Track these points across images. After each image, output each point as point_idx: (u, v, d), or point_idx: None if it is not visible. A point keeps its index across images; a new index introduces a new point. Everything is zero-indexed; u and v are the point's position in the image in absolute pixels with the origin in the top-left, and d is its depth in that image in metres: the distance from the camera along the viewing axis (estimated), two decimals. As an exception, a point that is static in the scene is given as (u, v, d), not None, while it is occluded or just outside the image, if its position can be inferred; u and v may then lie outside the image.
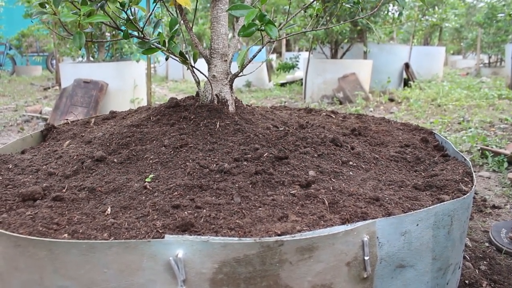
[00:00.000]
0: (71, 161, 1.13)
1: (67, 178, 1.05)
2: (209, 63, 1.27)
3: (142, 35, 1.12)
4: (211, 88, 1.26)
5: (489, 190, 2.22)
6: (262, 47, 1.30)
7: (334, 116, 1.70)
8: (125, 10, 1.02)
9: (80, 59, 4.75)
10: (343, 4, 1.28)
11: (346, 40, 5.76)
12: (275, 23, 1.06)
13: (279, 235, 0.73)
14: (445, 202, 0.86)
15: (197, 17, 9.36)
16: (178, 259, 0.68)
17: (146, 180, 0.98)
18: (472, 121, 3.98)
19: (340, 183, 0.98)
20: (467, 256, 1.45)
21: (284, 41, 9.77)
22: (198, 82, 1.29)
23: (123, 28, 1.11)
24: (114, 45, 4.37)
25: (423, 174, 1.13)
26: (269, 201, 0.89)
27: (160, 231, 0.78)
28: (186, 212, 0.84)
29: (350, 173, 1.06)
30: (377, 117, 1.73)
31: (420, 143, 1.38)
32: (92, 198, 0.94)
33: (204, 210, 0.85)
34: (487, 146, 2.91)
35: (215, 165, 1.02)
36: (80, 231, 0.78)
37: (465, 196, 0.91)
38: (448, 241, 0.89)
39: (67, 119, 1.67)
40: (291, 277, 0.71)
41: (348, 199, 0.90)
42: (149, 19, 1.18)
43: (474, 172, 2.45)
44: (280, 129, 1.25)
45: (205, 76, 1.27)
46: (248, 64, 1.27)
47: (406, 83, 7.12)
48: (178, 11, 1.27)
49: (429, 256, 0.85)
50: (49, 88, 7.59)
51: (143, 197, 0.92)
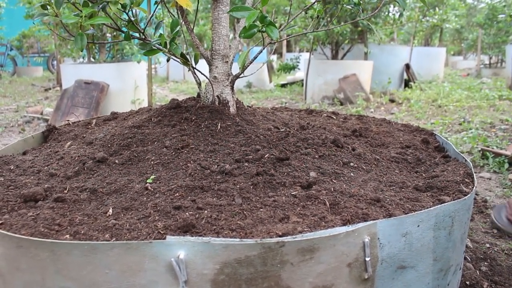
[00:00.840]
0: (73, 162, 1.13)
1: (69, 179, 1.05)
2: (210, 64, 1.27)
3: (144, 37, 1.13)
4: (212, 89, 1.26)
5: (490, 191, 2.23)
6: (263, 49, 1.30)
7: (335, 117, 1.70)
8: (127, 12, 1.03)
9: (81, 60, 4.76)
10: (344, 6, 1.28)
11: (347, 41, 5.76)
12: (276, 24, 1.06)
13: (280, 236, 0.73)
14: (446, 203, 0.86)
15: (198, 18, 9.36)
16: (180, 260, 0.68)
17: (148, 181, 0.99)
18: (473, 122, 3.98)
19: (341, 184, 0.99)
20: (468, 257, 1.45)
21: (285, 42, 9.77)
22: (199, 83, 1.29)
23: (125, 30, 1.11)
24: (115, 46, 4.37)
25: (424, 175, 1.13)
26: (270, 202, 0.89)
27: (162, 232, 0.79)
28: (188, 213, 0.84)
29: (351, 174, 1.06)
30: (378, 118, 1.73)
31: (421, 144, 1.38)
32: (94, 199, 0.94)
33: (206, 211, 0.85)
34: (488, 147, 2.91)
35: (216, 166, 1.02)
36: (82, 232, 0.79)
37: (466, 197, 0.91)
38: (449, 242, 0.89)
39: (68, 120, 1.68)
40: (292, 278, 0.71)
41: (349, 200, 0.90)
42: (150, 21, 1.18)
43: (475, 173, 2.45)
44: (281, 130, 1.25)
45: (206, 77, 1.27)
46: (249, 65, 1.27)
47: (407, 84, 7.12)
48: (179, 12, 1.27)
49: (430, 257, 0.86)
50: (50, 89, 7.60)
51: (145, 198, 0.92)
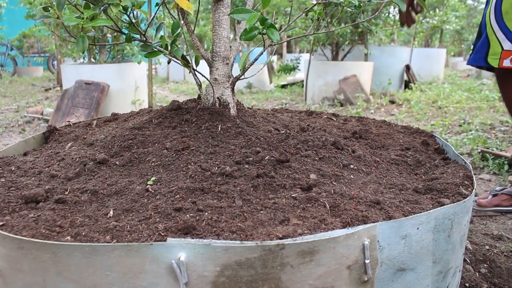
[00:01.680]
0: (73, 164, 1.14)
1: (70, 181, 1.05)
2: (211, 66, 1.28)
3: (145, 39, 1.13)
4: (213, 91, 1.26)
5: (490, 193, 2.23)
6: (263, 51, 1.31)
7: (335, 119, 1.71)
8: (128, 14, 1.03)
9: (82, 60, 4.76)
10: (344, 8, 1.29)
11: (347, 42, 5.76)
12: (276, 25, 1.06)
13: (281, 239, 0.73)
14: (445, 206, 0.86)
15: (198, 18, 9.37)
16: (181, 262, 0.69)
17: (148, 183, 0.99)
18: (473, 124, 3.99)
19: (341, 187, 0.99)
20: (468, 259, 1.46)
21: (285, 43, 9.78)
22: (200, 85, 1.30)
23: (125, 31, 1.12)
24: (116, 47, 4.38)
25: (424, 177, 1.13)
26: (271, 204, 0.89)
27: (162, 234, 0.79)
28: (188, 215, 0.84)
29: (351, 176, 1.06)
30: (378, 120, 1.73)
31: (421, 146, 1.39)
32: (95, 201, 0.94)
33: (206, 213, 0.85)
34: (488, 149, 2.92)
35: (217, 168, 1.02)
36: (83, 234, 0.79)
37: (465, 200, 0.91)
38: (448, 245, 0.89)
39: (69, 121, 1.68)
40: (292, 280, 0.72)
41: (349, 203, 0.90)
42: (151, 22, 1.18)
43: (475, 175, 2.45)
44: (281, 132, 1.25)
45: (207, 79, 1.28)
46: (250, 67, 1.28)
47: (407, 85, 7.12)
48: (180, 14, 1.28)
49: (430, 260, 0.86)
50: (50, 89, 7.61)
51: (145, 200, 0.92)
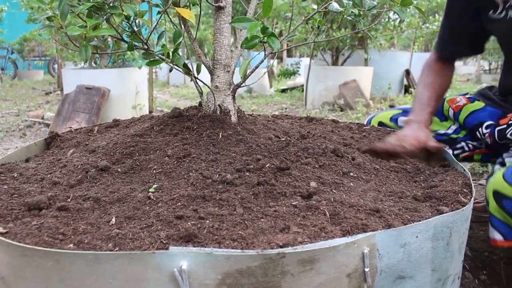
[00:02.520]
0: (76, 170, 1.15)
1: (72, 188, 1.06)
2: (212, 74, 1.29)
3: (147, 47, 1.14)
4: (214, 99, 1.27)
5: (489, 199, 2.23)
6: (264, 58, 1.32)
7: (335, 126, 1.72)
8: (130, 23, 1.04)
9: (82, 65, 4.78)
10: (344, 16, 1.30)
11: (347, 47, 5.78)
12: (276, 29, 1.07)
13: (281, 247, 0.74)
14: (444, 214, 0.87)
15: (199, 23, 9.39)
16: (182, 270, 0.70)
17: (150, 190, 1.00)
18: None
19: (341, 194, 1.00)
20: (467, 266, 1.47)
21: (285, 46, 9.81)
22: (201, 93, 1.31)
23: (126, 38, 1.13)
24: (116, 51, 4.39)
25: (423, 185, 1.14)
26: (271, 212, 0.90)
27: (164, 242, 0.80)
28: (190, 223, 0.85)
29: (351, 184, 1.07)
30: (378, 127, 1.74)
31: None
32: (97, 208, 0.95)
33: (207, 221, 0.86)
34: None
35: (218, 176, 1.03)
36: (86, 241, 0.80)
37: (464, 208, 0.92)
38: (447, 253, 0.90)
39: (71, 127, 1.69)
40: (293, 289, 0.72)
41: (349, 211, 0.91)
42: (153, 30, 1.19)
43: (474, 181, 2.46)
44: (282, 140, 1.26)
45: (208, 87, 1.29)
46: (251, 75, 1.29)
47: (407, 90, 7.14)
48: (181, 22, 1.29)
49: (429, 267, 0.87)
50: (51, 93, 7.62)
51: (147, 208, 0.93)
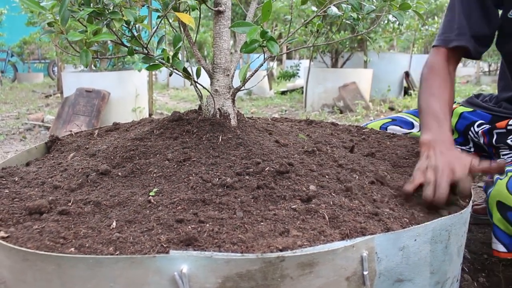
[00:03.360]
0: (76, 174, 1.15)
1: (73, 192, 1.07)
2: (212, 78, 1.30)
3: (147, 51, 1.15)
4: (214, 102, 1.28)
5: (488, 201, 2.24)
6: (264, 62, 1.32)
7: (335, 128, 1.72)
8: (130, 28, 1.05)
9: (82, 68, 4.79)
10: (344, 20, 1.31)
11: (347, 49, 5.80)
12: (275, 32, 1.08)
13: (281, 250, 0.75)
14: (443, 218, 0.88)
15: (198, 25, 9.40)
16: (183, 274, 0.70)
17: (150, 194, 1.00)
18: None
19: (340, 198, 1.00)
20: (466, 268, 1.47)
21: (285, 49, 9.83)
22: (201, 97, 1.32)
23: (127, 43, 1.14)
24: (116, 54, 4.40)
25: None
26: (271, 216, 0.91)
27: (165, 246, 0.80)
28: (190, 227, 0.86)
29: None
30: (376, 130, 1.75)
31: (419, 156, 1.40)
32: (98, 212, 0.96)
33: (207, 225, 0.87)
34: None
35: (218, 179, 1.04)
36: (87, 245, 0.80)
37: (462, 211, 0.93)
38: (446, 255, 0.91)
39: (71, 131, 1.70)
40: (292, 292, 0.73)
41: (348, 214, 0.92)
42: (153, 35, 1.20)
43: (473, 184, 2.47)
44: (282, 143, 1.27)
45: (208, 91, 1.29)
46: (250, 78, 1.30)
47: (406, 92, 7.15)
48: (181, 26, 1.30)
49: (427, 270, 0.87)
50: (51, 96, 7.63)
51: (148, 211, 0.94)
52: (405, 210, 0.99)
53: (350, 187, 1.03)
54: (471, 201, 1.02)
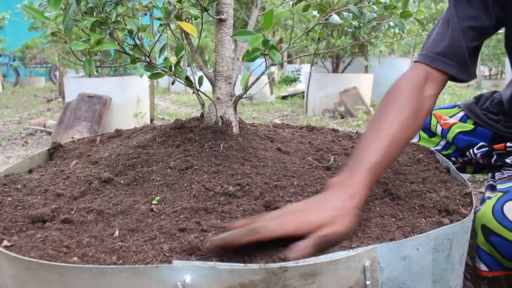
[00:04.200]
0: (79, 182, 1.16)
1: (75, 200, 1.07)
2: (214, 85, 1.30)
3: (149, 60, 1.16)
4: (216, 110, 1.29)
5: (490, 207, 2.24)
6: (266, 70, 1.33)
7: (336, 135, 1.73)
8: (133, 37, 1.06)
9: (83, 73, 4.81)
10: (345, 28, 1.32)
11: (348, 54, 5.81)
12: (276, 37, 1.09)
13: (283, 260, 0.75)
14: (445, 227, 0.88)
15: (198, 28, 9.42)
16: (186, 284, 0.70)
17: (153, 203, 1.01)
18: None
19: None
20: (468, 276, 1.47)
21: (286, 54, 9.85)
22: (203, 104, 1.32)
23: (129, 51, 1.14)
24: (118, 60, 4.42)
25: (423, 196, 1.15)
26: (273, 225, 0.91)
27: (167, 255, 0.81)
28: (192, 236, 0.86)
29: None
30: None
31: (420, 163, 1.40)
32: (100, 221, 0.96)
33: (210, 234, 0.87)
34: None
35: (220, 188, 1.04)
36: (90, 255, 0.81)
37: (464, 220, 0.93)
38: (448, 264, 0.91)
39: (73, 137, 1.70)
40: (295, 302, 0.73)
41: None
42: (155, 43, 1.21)
43: (475, 189, 2.47)
44: (283, 150, 1.27)
45: (210, 98, 1.30)
46: (252, 86, 1.30)
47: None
48: (183, 34, 1.30)
49: (429, 279, 0.88)
50: (52, 100, 7.64)
51: (150, 220, 0.94)
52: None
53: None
54: (473, 209, 1.02)
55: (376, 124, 1.06)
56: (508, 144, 1.38)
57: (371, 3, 1.33)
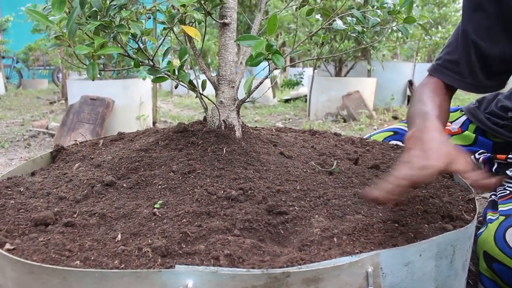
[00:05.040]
0: (81, 185, 1.16)
1: (78, 203, 1.07)
2: (217, 89, 1.30)
3: (153, 63, 1.16)
4: (219, 114, 1.29)
5: (493, 212, 2.23)
6: (269, 74, 1.33)
7: (338, 139, 1.72)
8: (137, 41, 1.06)
9: (86, 75, 4.82)
10: (348, 33, 1.32)
11: (350, 58, 5.81)
12: (279, 40, 1.09)
13: (286, 266, 0.75)
14: (448, 233, 0.88)
15: (201, 32, 9.44)
16: (188, 289, 0.70)
17: (155, 206, 1.01)
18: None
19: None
20: (471, 282, 1.47)
21: (289, 57, 9.85)
22: (206, 108, 1.32)
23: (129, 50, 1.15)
24: (121, 63, 4.43)
25: (426, 202, 1.15)
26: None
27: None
28: (195, 240, 0.86)
29: (356, 200, 1.08)
30: (380, 141, 1.75)
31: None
32: (103, 224, 0.96)
33: (212, 239, 0.87)
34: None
35: (223, 192, 1.04)
36: (92, 258, 0.81)
37: (467, 226, 0.93)
38: (451, 270, 0.91)
39: (76, 140, 1.71)
40: (297, 307, 0.73)
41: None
42: (159, 47, 1.21)
43: (478, 194, 2.46)
44: (286, 155, 1.27)
45: (213, 102, 1.30)
46: (255, 90, 1.30)
47: (410, 100, 7.14)
48: (187, 38, 1.30)
49: (432, 286, 0.87)
50: (55, 102, 7.66)
51: (153, 224, 0.94)
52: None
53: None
54: (476, 215, 1.02)
55: (422, 101, 1.20)
56: (510, 156, 1.37)
57: (375, 8, 1.33)
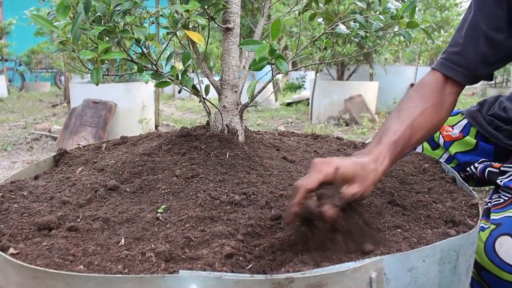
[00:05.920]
0: (85, 189, 1.16)
1: (81, 207, 1.07)
2: (220, 94, 1.31)
3: (156, 68, 1.16)
4: (222, 119, 1.29)
5: (495, 217, 2.22)
6: (272, 79, 1.33)
7: (340, 143, 1.72)
8: (140, 46, 1.06)
9: (89, 78, 4.83)
10: (351, 38, 1.32)
11: (353, 62, 5.81)
12: (281, 44, 1.09)
13: (289, 272, 0.75)
14: (451, 238, 0.88)
15: (204, 36, 9.45)
16: (191, 294, 0.70)
17: (159, 211, 1.01)
18: (478, 145, 3.98)
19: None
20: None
21: (291, 65, 9.87)
22: (209, 113, 1.32)
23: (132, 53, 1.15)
24: (123, 66, 4.44)
25: (429, 207, 1.14)
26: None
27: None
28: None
29: (358, 206, 1.08)
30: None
31: (426, 173, 1.40)
32: (106, 229, 0.96)
33: (216, 243, 0.87)
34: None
35: (226, 197, 1.04)
36: (95, 263, 0.81)
37: (471, 232, 0.92)
38: (454, 276, 0.90)
39: (79, 144, 1.71)
40: (301, 313, 0.73)
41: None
42: (163, 52, 1.21)
43: (481, 199, 2.46)
44: (289, 159, 1.28)
45: (216, 107, 1.30)
46: (258, 95, 1.31)
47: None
48: (191, 43, 1.31)
49: (436, 291, 0.87)
50: (58, 105, 7.68)
51: (156, 228, 0.94)
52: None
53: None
54: (479, 220, 1.02)
55: (398, 108, 1.12)
56: (505, 165, 1.37)
57: (378, 13, 1.33)
